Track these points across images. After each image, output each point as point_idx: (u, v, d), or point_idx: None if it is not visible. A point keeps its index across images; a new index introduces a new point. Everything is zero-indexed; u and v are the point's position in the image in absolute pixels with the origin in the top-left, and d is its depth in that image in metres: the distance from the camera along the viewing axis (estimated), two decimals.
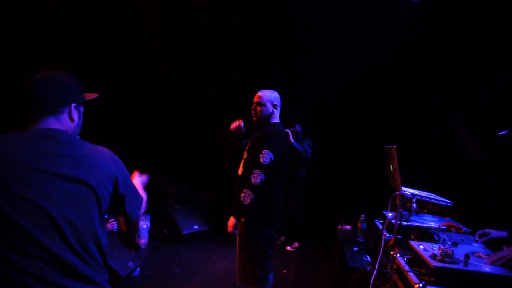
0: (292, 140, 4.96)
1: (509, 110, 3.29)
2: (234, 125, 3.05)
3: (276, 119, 2.91)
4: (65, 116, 1.47)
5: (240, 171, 2.85)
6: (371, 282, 1.94)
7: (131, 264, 3.96)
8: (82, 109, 1.54)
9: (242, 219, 2.74)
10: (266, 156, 2.65)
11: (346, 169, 6.14)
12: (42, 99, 1.42)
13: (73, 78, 1.54)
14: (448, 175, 4.52)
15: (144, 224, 5.41)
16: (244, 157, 2.86)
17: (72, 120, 1.48)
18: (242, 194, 2.62)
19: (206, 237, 5.69)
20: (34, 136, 1.38)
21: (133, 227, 5.25)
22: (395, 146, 2.48)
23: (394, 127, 5.60)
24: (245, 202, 2.60)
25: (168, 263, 4.68)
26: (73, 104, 1.48)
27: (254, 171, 2.63)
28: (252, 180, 2.61)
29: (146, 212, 5.43)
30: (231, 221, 2.73)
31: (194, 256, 4.97)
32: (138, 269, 4.18)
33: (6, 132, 1.42)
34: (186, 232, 5.45)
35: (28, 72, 1.55)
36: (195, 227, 5.67)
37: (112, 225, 4.63)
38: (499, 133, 2.12)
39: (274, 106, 2.87)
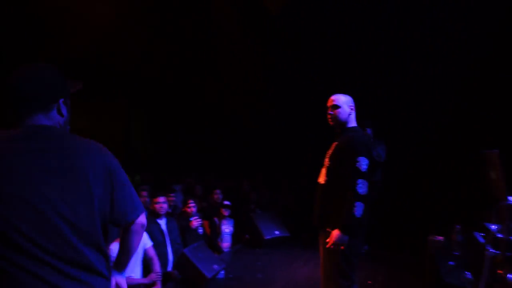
0: None
1: None
2: None
3: (353, 122, 2.81)
4: (54, 112, 1.41)
5: (322, 180, 2.77)
6: None
7: (216, 266, 4.11)
8: (69, 102, 1.47)
9: (328, 229, 2.67)
10: (363, 163, 2.56)
11: (437, 176, 5.68)
12: (30, 96, 1.36)
13: (58, 71, 1.47)
14: None
15: (227, 229, 5.58)
16: (326, 165, 2.78)
17: (61, 115, 1.43)
18: (354, 208, 2.50)
19: (287, 243, 5.69)
20: (25, 134, 1.34)
21: (215, 230, 5.45)
22: (497, 151, 2.23)
23: (491, 129, 5.07)
24: (358, 215, 2.50)
25: (250, 267, 4.76)
26: (62, 100, 1.43)
27: (357, 181, 2.52)
28: (360, 191, 2.51)
29: (229, 216, 5.61)
30: (336, 234, 2.56)
31: (275, 262, 4.99)
32: (222, 272, 4.32)
33: None
34: (267, 237, 5.50)
35: None
36: (276, 232, 5.70)
37: (196, 222, 4.84)
38: None
39: (351, 108, 2.79)
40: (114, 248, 3.50)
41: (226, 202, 5.56)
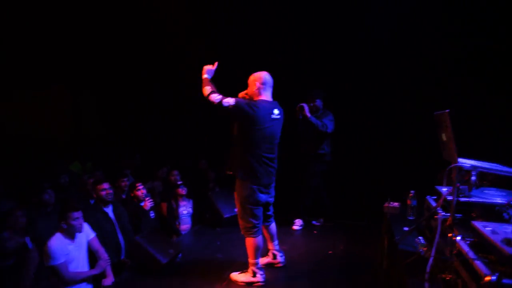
0: (308, 114, 4.84)
1: None
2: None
3: (261, 96, 3.35)
4: None
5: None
6: (428, 270, 1.67)
7: (171, 251, 3.92)
8: None
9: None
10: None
11: (389, 141, 5.70)
12: None
13: None
14: None
15: (185, 210, 5.38)
16: None
17: None
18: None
19: None
20: None
21: (173, 213, 5.23)
22: (448, 111, 2.15)
23: (444, 90, 5.12)
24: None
25: (209, 248, 4.62)
26: None
27: None
28: None
29: (187, 197, 5.40)
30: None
31: (235, 240, 4.86)
32: (180, 255, 4.14)
33: None
34: (226, 215, 5.36)
35: None
36: (236, 210, 5.55)
37: (149, 203, 4.61)
38: None
39: (259, 84, 3.35)
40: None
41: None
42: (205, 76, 3.36)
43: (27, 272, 2.98)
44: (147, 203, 4.56)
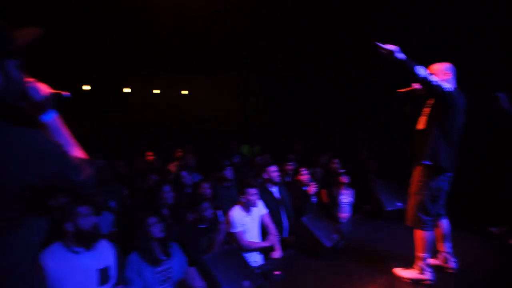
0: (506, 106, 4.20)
1: None
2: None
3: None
4: None
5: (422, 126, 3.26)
6: None
7: (334, 236, 4.01)
8: (10, 63, 1.13)
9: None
10: None
11: None
12: None
13: None
14: None
15: (346, 198, 5.39)
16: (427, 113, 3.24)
17: None
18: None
19: None
20: None
21: (334, 200, 5.31)
22: None
23: None
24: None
25: (371, 239, 4.53)
26: None
27: None
28: None
29: (348, 186, 5.40)
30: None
31: (398, 235, 4.63)
32: (342, 242, 4.20)
33: None
34: (389, 208, 5.16)
35: None
36: (399, 204, 5.29)
37: (314, 187, 4.79)
38: None
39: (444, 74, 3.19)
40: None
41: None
42: (401, 55, 2.91)
43: (216, 236, 3.50)
44: (312, 188, 4.76)
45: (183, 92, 14.86)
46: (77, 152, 1.33)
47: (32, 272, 1.23)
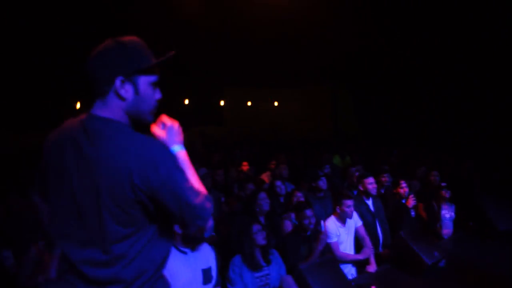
0: None
1: None
2: None
3: None
4: (111, 96, 1.15)
5: None
6: None
7: (436, 253, 3.78)
8: (142, 80, 1.17)
9: None
10: None
11: None
12: (89, 79, 1.15)
13: (122, 44, 1.14)
14: None
15: (447, 214, 5.05)
16: None
17: (122, 98, 1.15)
18: None
19: None
20: (78, 126, 1.17)
21: (434, 215, 5.01)
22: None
23: None
24: None
25: (477, 260, 4.15)
26: (119, 78, 1.13)
27: None
28: None
29: (449, 201, 5.05)
30: None
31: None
32: (443, 261, 3.94)
33: None
34: (502, 228, 4.65)
35: None
36: None
37: (413, 200, 4.58)
38: None
39: None
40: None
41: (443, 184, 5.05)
42: None
43: (316, 246, 3.53)
44: (410, 201, 4.56)
45: (275, 103, 15.38)
46: (198, 185, 1.36)
47: (152, 283, 1.28)
